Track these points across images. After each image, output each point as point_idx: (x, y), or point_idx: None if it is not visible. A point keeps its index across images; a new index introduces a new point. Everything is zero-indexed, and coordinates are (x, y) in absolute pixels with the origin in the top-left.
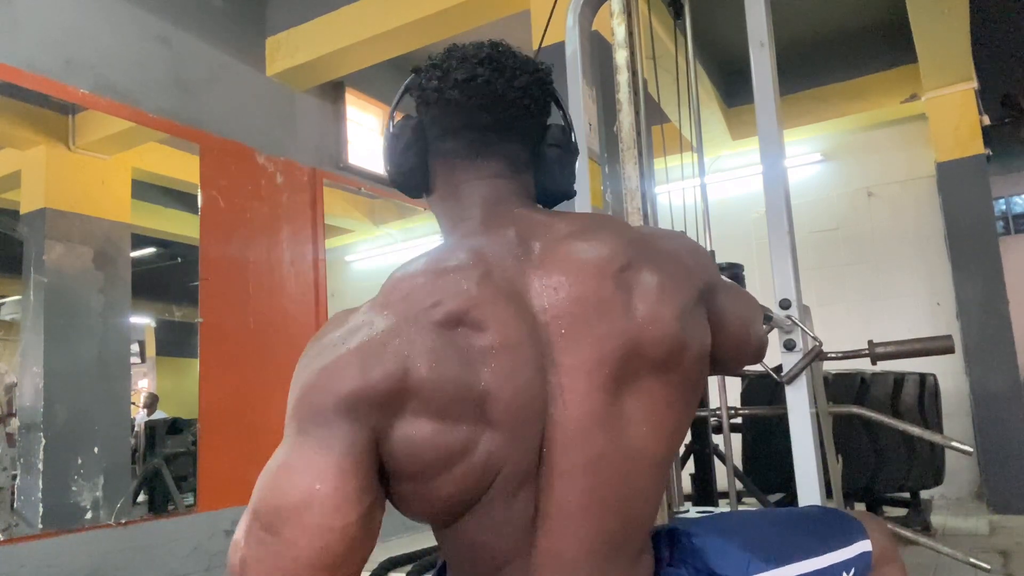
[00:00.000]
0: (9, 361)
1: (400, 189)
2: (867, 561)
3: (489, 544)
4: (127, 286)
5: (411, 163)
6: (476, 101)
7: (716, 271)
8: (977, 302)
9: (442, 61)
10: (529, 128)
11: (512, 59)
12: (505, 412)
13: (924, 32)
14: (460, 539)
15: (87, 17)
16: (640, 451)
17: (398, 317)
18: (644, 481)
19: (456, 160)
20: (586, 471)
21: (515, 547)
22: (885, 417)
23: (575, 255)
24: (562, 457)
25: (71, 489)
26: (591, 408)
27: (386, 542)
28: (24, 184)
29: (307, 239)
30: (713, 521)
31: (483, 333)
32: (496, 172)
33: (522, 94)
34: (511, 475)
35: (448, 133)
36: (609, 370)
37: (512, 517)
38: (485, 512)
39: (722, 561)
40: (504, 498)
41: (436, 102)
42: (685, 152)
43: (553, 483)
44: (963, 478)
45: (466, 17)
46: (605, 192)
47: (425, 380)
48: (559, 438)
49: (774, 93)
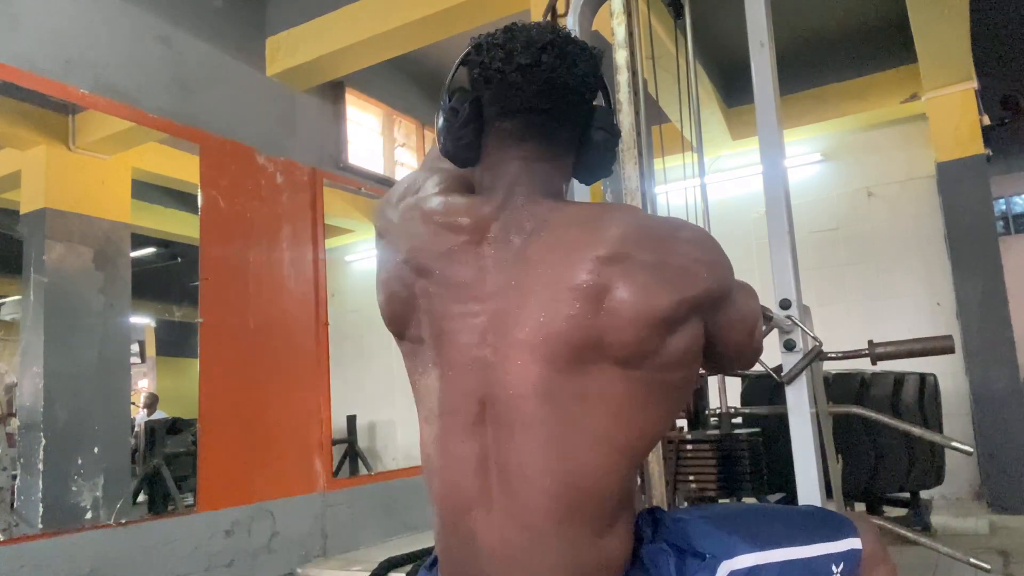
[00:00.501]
0: (9, 361)
1: (453, 160)
2: (856, 558)
3: (451, 480)
4: (127, 286)
5: (469, 138)
6: (537, 87)
7: (726, 281)
8: (977, 302)
9: (505, 42)
10: (582, 113)
11: (573, 45)
12: (446, 349)
13: (924, 32)
14: (428, 464)
15: (87, 17)
16: (592, 431)
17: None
18: (598, 458)
19: (509, 139)
20: (526, 434)
21: (474, 495)
22: (885, 417)
23: (563, 240)
24: (503, 416)
25: (71, 489)
26: (527, 380)
27: (386, 542)
28: (24, 184)
29: (307, 239)
30: (702, 508)
31: (455, 269)
32: (540, 155)
33: (580, 82)
34: (455, 414)
35: (506, 113)
36: (555, 350)
37: (466, 457)
38: (445, 442)
39: (705, 541)
40: (457, 435)
41: (498, 82)
42: (685, 152)
43: (500, 441)
44: (963, 478)
45: (466, 17)
46: (605, 192)
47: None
48: (498, 399)
49: (774, 93)
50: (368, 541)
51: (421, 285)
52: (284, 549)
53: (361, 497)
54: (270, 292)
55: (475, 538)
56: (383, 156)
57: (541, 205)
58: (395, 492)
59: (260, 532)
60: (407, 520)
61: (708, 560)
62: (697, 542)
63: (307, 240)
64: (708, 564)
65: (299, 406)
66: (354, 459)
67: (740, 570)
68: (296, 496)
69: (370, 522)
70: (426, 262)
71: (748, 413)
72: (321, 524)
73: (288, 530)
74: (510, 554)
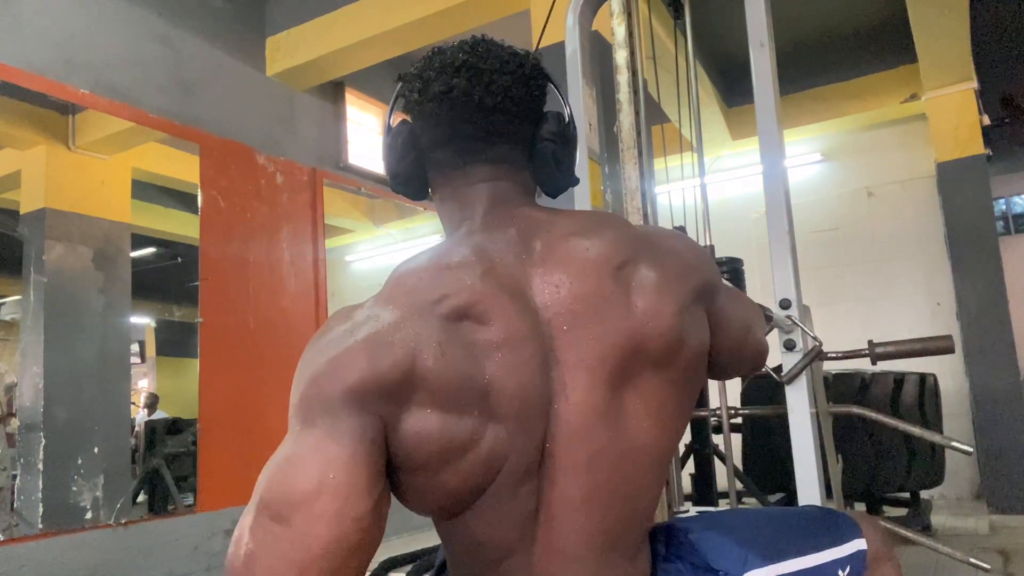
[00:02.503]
0: (9, 361)
1: (402, 194)
2: (862, 559)
3: (491, 537)
4: (127, 286)
5: (408, 171)
6: (456, 113)
7: (716, 271)
8: (977, 302)
9: (422, 70)
10: (516, 129)
11: (491, 60)
12: (509, 406)
13: (924, 32)
14: (462, 532)
15: (87, 17)
16: (640, 447)
17: (404, 310)
18: (644, 477)
19: (448, 169)
20: (588, 466)
21: (516, 541)
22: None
23: (575, 253)
24: (564, 452)
25: (71, 489)
26: (593, 404)
27: (386, 542)
28: (24, 184)
29: (307, 239)
30: (710, 518)
31: (488, 327)
32: (490, 176)
33: (502, 99)
34: (514, 469)
35: (436, 144)
36: (610, 366)
37: (514, 511)
38: (488, 505)
39: (719, 557)
40: (507, 492)
41: (420, 115)
42: (685, 152)
43: (555, 478)
44: (963, 478)
45: (466, 17)
46: (605, 192)
47: (432, 371)
48: (562, 433)
49: (774, 93)
50: None
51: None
52: None
53: None
54: (270, 292)
55: (510, 572)
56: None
57: (533, 224)
58: None
59: None
60: (407, 520)
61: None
62: (711, 558)
63: (307, 240)
64: None
65: None
66: None
67: None
68: None
69: None
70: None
71: (748, 413)
72: None
73: None
74: None
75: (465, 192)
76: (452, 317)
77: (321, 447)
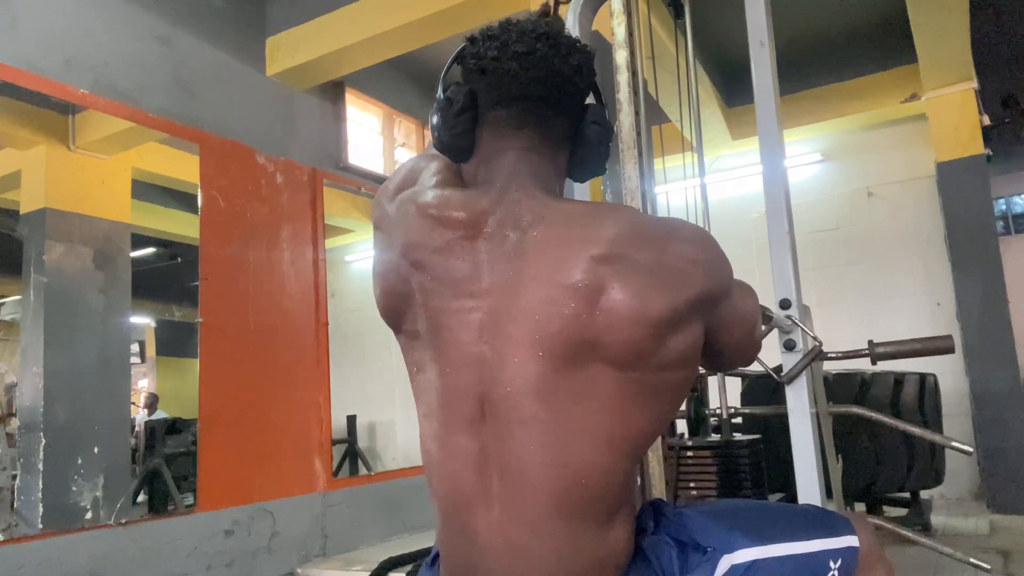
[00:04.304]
0: (9, 361)
1: (447, 152)
2: (854, 556)
3: (451, 487)
4: (127, 286)
5: (463, 127)
6: (533, 73)
7: (726, 276)
8: (977, 302)
9: (500, 33)
10: (576, 105)
11: (566, 39)
12: (444, 345)
13: (924, 32)
14: (428, 463)
15: (87, 17)
16: (590, 429)
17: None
18: (597, 455)
19: (504, 128)
20: (526, 432)
21: (475, 492)
22: (885, 417)
23: (559, 237)
24: (502, 413)
25: (71, 489)
26: (525, 377)
27: (386, 542)
28: (24, 184)
29: (307, 239)
30: (701, 505)
31: (454, 263)
32: (535, 146)
33: (574, 71)
34: (454, 410)
35: (501, 101)
36: (550, 349)
37: (465, 455)
38: (442, 441)
39: (706, 535)
40: (454, 432)
41: (494, 71)
42: (685, 152)
43: (500, 438)
44: (963, 478)
45: (466, 17)
46: (605, 192)
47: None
48: (496, 397)
49: (774, 93)
50: (368, 541)
51: (417, 280)
52: (284, 549)
53: (361, 497)
54: (270, 292)
55: (477, 534)
56: (383, 156)
57: (537, 200)
58: (395, 492)
59: (260, 532)
60: (407, 520)
61: (709, 553)
62: (698, 535)
63: (307, 240)
64: (709, 557)
65: (299, 406)
66: (354, 459)
67: (741, 564)
68: (296, 496)
69: (370, 522)
70: (422, 257)
71: (748, 413)
72: (321, 524)
73: (288, 530)
74: (512, 550)
75: (500, 157)
76: (444, 222)
77: None
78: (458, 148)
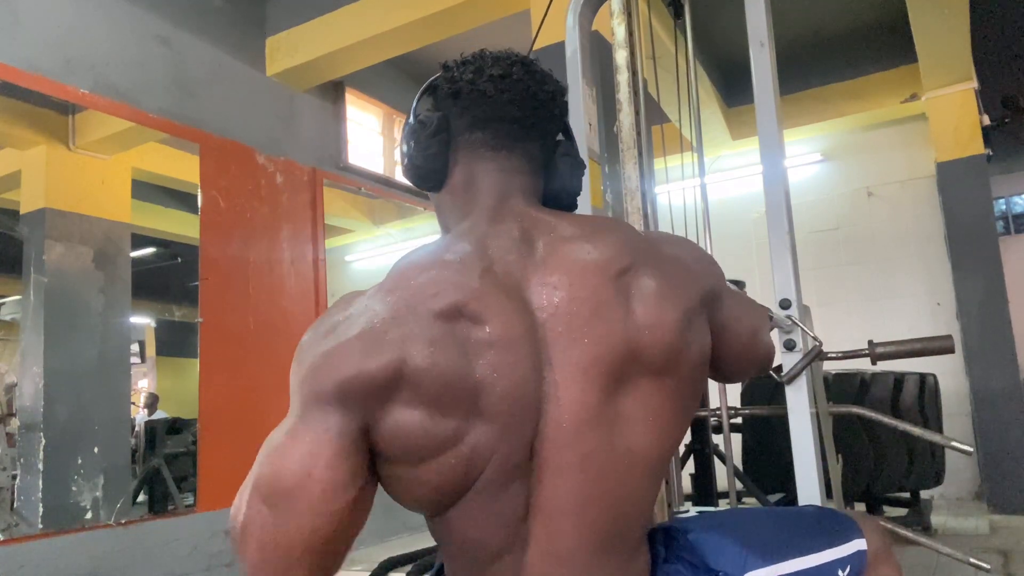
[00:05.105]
0: (9, 361)
1: (418, 179)
2: (862, 559)
3: (480, 536)
4: (127, 286)
5: (434, 151)
6: (508, 96)
7: (721, 278)
8: (977, 302)
9: (475, 59)
10: (550, 131)
11: (540, 67)
12: (498, 405)
13: (924, 32)
14: (450, 530)
15: (87, 17)
16: (634, 452)
17: (400, 305)
18: (638, 481)
19: (481, 150)
20: (578, 468)
21: (507, 541)
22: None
23: (577, 256)
24: (554, 453)
25: (71, 489)
26: (585, 407)
27: (386, 542)
28: (24, 184)
29: (307, 239)
30: (710, 519)
31: (482, 326)
32: (516, 167)
33: (549, 97)
34: (501, 468)
35: (477, 124)
36: (604, 371)
37: (503, 510)
38: (475, 503)
39: (719, 557)
40: (494, 490)
41: (469, 93)
42: (685, 152)
43: (545, 479)
44: (963, 478)
45: (466, 17)
46: (605, 192)
47: (421, 370)
48: (552, 435)
49: (774, 93)
50: (368, 541)
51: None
52: None
53: None
54: (270, 292)
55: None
56: (383, 156)
57: (539, 219)
58: None
59: None
60: (407, 520)
61: None
62: (711, 559)
63: (307, 240)
64: None
65: None
66: None
67: None
68: None
69: (370, 522)
70: (477, 360)
71: (748, 413)
72: None
73: None
74: None
75: (484, 180)
76: (447, 315)
77: (307, 441)
78: (432, 170)
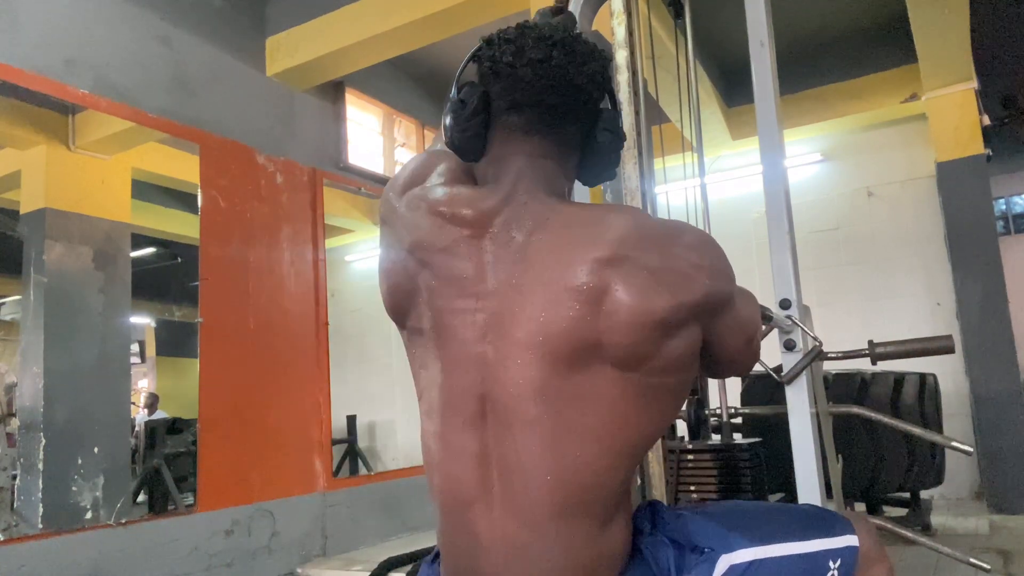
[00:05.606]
0: (9, 361)
1: (458, 152)
2: (854, 556)
3: (453, 483)
4: (127, 286)
5: (474, 130)
6: (546, 82)
7: (727, 282)
8: (977, 302)
9: (516, 37)
10: (588, 112)
11: (582, 46)
12: (442, 329)
13: (924, 32)
14: (434, 475)
15: (87, 17)
16: (590, 430)
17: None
18: (596, 457)
19: (515, 134)
20: (521, 430)
21: (474, 492)
22: (885, 417)
23: (564, 239)
24: (500, 411)
25: (71, 489)
26: (528, 378)
27: (386, 542)
28: (24, 184)
29: (307, 239)
30: (698, 505)
31: (462, 260)
32: (545, 151)
33: (588, 80)
34: (455, 398)
35: (514, 106)
36: (553, 350)
37: (465, 455)
38: (444, 432)
39: (704, 536)
40: (457, 425)
41: (508, 76)
42: (685, 152)
43: (499, 435)
44: (963, 478)
45: (466, 17)
46: (605, 192)
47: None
48: (499, 394)
49: (774, 93)
50: (368, 541)
51: (423, 277)
52: (284, 549)
53: (361, 497)
54: (270, 292)
55: (477, 533)
56: (383, 156)
57: (544, 203)
58: (395, 492)
59: (260, 532)
60: (407, 520)
61: (707, 553)
62: (696, 537)
63: (307, 240)
64: (708, 557)
65: (299, 406)
66: (354, 459)
67: (739, 564)
68: (296, 496)
69: (370, 522)
70: (428, 255)
71: (748, 413)
72: (321, 524)
73: (288, 530)
74: (511, 549)
75: (510, 161)
76: (451, 219)
77: None
78: (469, 149)
